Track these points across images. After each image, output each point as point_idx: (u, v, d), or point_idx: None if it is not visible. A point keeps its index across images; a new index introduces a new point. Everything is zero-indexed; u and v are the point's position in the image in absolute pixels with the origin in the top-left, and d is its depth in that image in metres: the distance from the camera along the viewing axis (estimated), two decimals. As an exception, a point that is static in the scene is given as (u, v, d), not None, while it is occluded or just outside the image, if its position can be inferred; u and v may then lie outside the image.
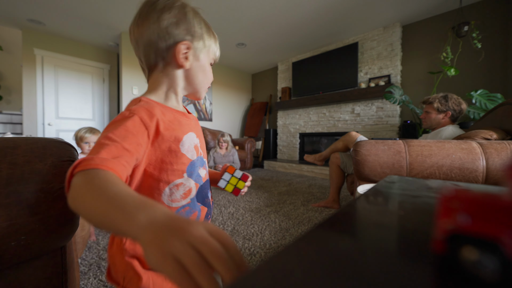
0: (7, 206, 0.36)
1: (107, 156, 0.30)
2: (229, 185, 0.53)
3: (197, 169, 0.46)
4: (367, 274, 0.11)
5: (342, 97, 3.07)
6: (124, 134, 0.34)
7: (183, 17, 0.42)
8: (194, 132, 0.47)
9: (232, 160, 2.94)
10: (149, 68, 0.44)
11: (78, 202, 0.26)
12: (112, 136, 0.32)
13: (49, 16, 2.49)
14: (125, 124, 0.35)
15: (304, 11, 2.49)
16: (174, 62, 0.42)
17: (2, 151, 0.38)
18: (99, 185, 0.26)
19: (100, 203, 0.24)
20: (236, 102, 4.74)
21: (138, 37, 0.41)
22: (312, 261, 0.12)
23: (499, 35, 2.14)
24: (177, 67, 0.43)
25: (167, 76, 0.44)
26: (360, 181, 0.94)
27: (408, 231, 0.16)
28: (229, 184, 0.53)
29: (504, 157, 0.73)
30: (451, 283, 0.10)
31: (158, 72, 0.44)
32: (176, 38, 0.41)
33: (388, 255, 0.13)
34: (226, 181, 0.53)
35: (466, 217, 0.11)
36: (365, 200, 0.24)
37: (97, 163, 0.28)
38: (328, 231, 0.16)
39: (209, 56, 0.48)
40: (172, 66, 0.43)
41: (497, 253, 0.10)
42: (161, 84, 0.44)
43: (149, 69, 0.44)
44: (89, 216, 0.25)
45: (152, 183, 0.39)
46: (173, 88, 0.45)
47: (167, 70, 0.43)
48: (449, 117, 1.35)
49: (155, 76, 0.44)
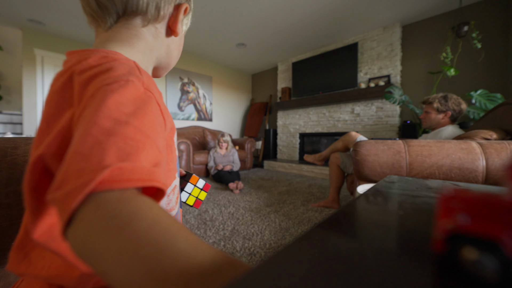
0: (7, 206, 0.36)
1: (149, 164, 0.18)
2: (190, 198, 0.44)
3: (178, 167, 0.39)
4: (367, 274, 0.11)
5: (342, 97, 3.07)
6: (153, 126, 0.21)
7: None
8: None
9: (232, 160, 2.94)
10: (127, 12, 0.29)
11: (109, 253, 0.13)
12: (142, 126, 0.19)
13: (49, 16, 2.49)
14: (150, 109, 0.22)
15: (304, 12, 2.49)
16: (166, 24, 0.33)
17: (2, 151, 0.38)
18: (159, 234, 0.14)
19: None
20: (236, 102, 4.74)
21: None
22: (312, 261, 0.12)
23: (499, 35, 2.14)
24: (166, 31, 0.34)
25: (152, 35, 0.32)
26: (360, 181, 0.94)
27: (408, 231, 0.16)
28: (191, 196, 0.44)
29: (504, 157, 0.73)
30: (451, 283, 0.10)
31: (137, 26, 0.31)
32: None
33: (388, 255, 0.13)
34: (188, 193, 0.44)
35: (466, 217, 0.11)
36: (365, 200, 0.24)
37: (143, 177, 0.17)
38: (328, 231, 0.16)
39: (187, 26, 0.40)
40: (161, 26, 0.33)
41: (497, 253, 0.10)
42: (143, 42, 0.31)
43: (127, 13, 0.29)
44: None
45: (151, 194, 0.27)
46: (152, 55, 0.34)
47: (153, 28, 0.32)
48: (449, 117, 1.35)
49: (135, 30, 0.30)
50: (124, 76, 0.22)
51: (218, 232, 1.30)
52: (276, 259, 0.12)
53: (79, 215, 0.14)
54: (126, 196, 0.15)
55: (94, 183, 0.15)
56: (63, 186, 0.15)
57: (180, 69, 3.76)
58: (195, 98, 3.98)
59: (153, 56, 0.34)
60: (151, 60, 0.34)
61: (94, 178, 0.15)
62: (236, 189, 2.20)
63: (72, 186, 0.15)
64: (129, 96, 0.21)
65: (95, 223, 0.14)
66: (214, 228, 1.35)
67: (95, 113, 0.18)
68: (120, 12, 0.29)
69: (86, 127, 0.17)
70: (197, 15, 2.58)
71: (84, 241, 0.14)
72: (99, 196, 0.15)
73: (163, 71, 0.39)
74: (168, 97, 3.62)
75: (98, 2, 0.28)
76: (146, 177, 0.17)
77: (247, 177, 3.04)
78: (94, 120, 0.18)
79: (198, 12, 2.52)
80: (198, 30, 2.95)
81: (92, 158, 0.16)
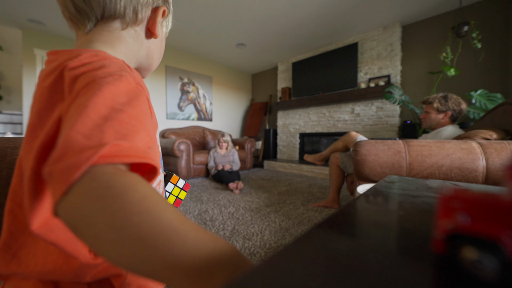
0: (7, 206, 0.36)
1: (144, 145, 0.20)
2: (171, 197, 0.45)
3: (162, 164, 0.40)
4: (367, 274, 0.11)
5: (342, 97, 3.07)
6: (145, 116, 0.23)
7: None
8: None
9: (232, 160, 2.94)
10: (105, 16, 0.30)
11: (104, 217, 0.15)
12: (135, 114, 0.21)
13: (49, 16, 2.49)
14: (142, 100, 0.24)
15: (304, 12, 2.49)
16: (145, 26, 0.34)
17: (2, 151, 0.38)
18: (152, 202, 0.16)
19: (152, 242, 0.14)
20: (236, 102, 4.74)
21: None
22: (312, 261, 0.12)
23: (499, 35, 2.14)
24: (145, 33, 0.35)
25: (132, 38, 0.33)
26: (360, 181, 0.94)
27: (408, 231, 0.16)
28: (171, 195, 0.46)
29: (504, 157, 0.73)
30: (451, 283, 0.10)
31: (117, 29, 0.31)
32: (157, 0, 0.34)
33: (388, 255, 0.13)
34: (169, 192, 0.45)
35: (466, 217, 0.11)
36: (365, 200, 0.24)
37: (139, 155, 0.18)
38: (328, 231, 0.16)
39: (168, 28, 0.41)
40: (141, 29, 0.34)
41: (497, 253, 0.10)
42: (123, 44, 0.32)
43: (105, 17, 0.30)
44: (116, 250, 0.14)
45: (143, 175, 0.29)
46: (133, 57, 0.35)
47: (133, 31, 0.33)
48: (449, 117, 1.35)
49: (115, 33, 0.31)
50: (117, 71, 0.24)
51: (218, 232, 1.30)
52: (276, 259, 0.12)
53: (76, 186, 0.15)
54: (120, 171, 0.17)
55: (97, 157, 0.16)
56: (63, 159, 0.16)
57: (180, 69, 3.76)
58: (195, 98, 3.98)
59: (134, 57, 0.35)
60: (132, 61, 0.35)
61: (96, 152, 0.16)
62: (236, 189, 2.20)
63: (74, 160, 0.16)
64: (123, 89, 0.23)
65: (91, 192, 0.15)
66: (214, 228, 1.35)
67: (92, 100, 0.19)
68: (99, 16, 0.30)
69: (85, 111, 0.18)
70: (197, 15, 2.58)
71: (79, 209, 0.15)
72: (95, 170, 0.16)
73: (145, 72, 0.40)
74: (168, 97, 3.62)
75: (76, 7, 0.29)
76: (142, 154, 0.18)
77: (247, 177, 3.04)
78: (93, 106, 0.19)
79: (198, 12, 2.52)
80: (198, 30, 2.95)
81: (92, 137, 0.17)
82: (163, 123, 3.60)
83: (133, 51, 0.34)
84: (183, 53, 3.77)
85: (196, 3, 2.33)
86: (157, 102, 3.54)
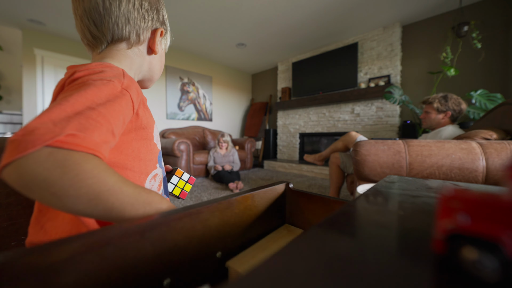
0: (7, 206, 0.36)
1: (99, 140, 0.24)
2: (176, 189, 0.52)
3: (161, 160, 0.45)
4: (367, 274, 0.11)
5: (342, 97, 3.07)
6: (117, 116, 0.28)
7: (160, 5, 0.43)
8: None
9: (232, 160, 2.94)
10: (114, 39, 0.38)
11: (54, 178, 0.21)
12: (106, 114, 0.26)
13: (49, 16, 2.49)
14: (119, 103, 0.29)
15: (304, 12, 2.49)
16: (147, 45, 0.42)
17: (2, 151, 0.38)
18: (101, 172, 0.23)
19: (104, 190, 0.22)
20: (236, 102, 4.74)
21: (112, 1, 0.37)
22: (312, 261, 0.12)
23: (499, 35, 2.14)
24: (147, 51, 0.42)
25: (136, 55, 0.41)
26: (360, 181, 0.94)
27: (408, 231, 0.16)
28: (177, 187, 0.52)
29: (504, 157, 0.73)
30: (451, 283, 0.10)
31: (123, 49, 0.39)
32: (156, 23, 0.42)
33: (388, 255, 0.13)
34: (174, 184, 0.52)
35: (466, 217, 0.11)
36: (365, 200, 0.24)
37: (89, 146, 0.23)
38: (328, 231, 0.16)
39: (167, 45, 0.49)
40: (143, 47, 0.42)
41: (497, 253, 0.10)
42: (129, 60, 0.40)
43: (114, 40, 0.38)
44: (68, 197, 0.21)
45: (131, 176, 0.35)
46: (137, 70, 0.42)
47: (137, 49, 0.41)
48: (449, 117, 1.35)
49: (122, 51, 0.39)
50: (108, 77, 0.30)
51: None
52: (276, 259, 0.12)
53: (32, 156, 0.20)
54: (76, 153, 0.22)
55: (53, 140, 0.21)
56: (31, 134, 0.21)
57: (180, 69, 3.76)
58: (195, 98, 3.98)
59: (138, 70, 0.42)
60: (136, 74, 0.42)
61: (54, 137, 0.21)
62: (236, 189, 2.20)
63: (38, 137, 0.21)
64: (106, 92, 0.28)
65: (49, 162, 0.21)
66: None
67: (74, 96, 0.25)
68: (109, 39, 0.38)
69: (64, 104, 0.24)
70: (197, 15, 2.58)
71: (36, 174, 0.20)
72: (53, 149, 0.21)
73: (148, 83, 0.47)
74: (168, 97, 3.62)
75: (92, 34, 0.37)
76: (92, 146, 0.23)
77: (247, 177, 3.04)
78: (72, 101, 0.24)
79: (198, 12, 2.52)
80: (198, 30, 2.95)
81: (59, 125, 0.22)
82: (163, 123, 3.60)
83: (137, 65, 0.41)
84: (183, 53, 3.77)
85: (196, 3, 2.33)
86: (157, 102, 3.54)
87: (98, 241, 0.17)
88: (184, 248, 0.23)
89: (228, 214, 0.29)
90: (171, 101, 3.66)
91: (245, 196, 0.31)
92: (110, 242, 0.17)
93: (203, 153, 3.01)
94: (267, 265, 0.11)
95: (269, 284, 0.10)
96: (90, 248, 0.16)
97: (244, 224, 0.31)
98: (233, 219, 0.30)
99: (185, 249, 0.23)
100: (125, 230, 0.19)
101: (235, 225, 0.30)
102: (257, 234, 0.34)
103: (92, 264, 0.16)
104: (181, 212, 0.23)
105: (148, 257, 0.20)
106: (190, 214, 0.24)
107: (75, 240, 0.16)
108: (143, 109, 0.37)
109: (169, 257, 0.22)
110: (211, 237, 0.26)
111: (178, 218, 0.22)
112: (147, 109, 0.40)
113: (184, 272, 0.23)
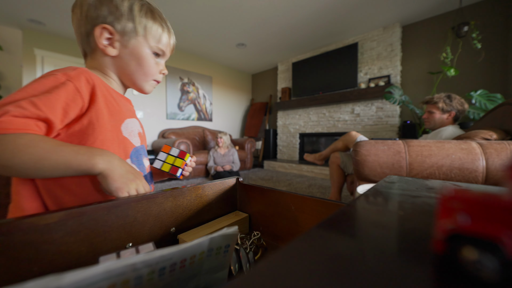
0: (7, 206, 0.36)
1: (28, 121, 0.30)
2: (165, 165, 0.49)
3: (141, 157, 0.45)
4: (367, 274, 0.11)
5: (342, 97, 3.07)
6: (50, 102, 0.31)
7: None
8: (137, 120, 0.47)
9: (232, 160, 2.94)
10: (84, 56, 0.44)
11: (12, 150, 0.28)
12: (38, 103, 0.30)
13: (49, 16, 2.49)
14: (57, 92, 0.32)
15: (304, 12, 2.49)
16: (99, 48, 0.41)
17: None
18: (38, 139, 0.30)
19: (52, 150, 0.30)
20: (236, 102, 4.74)
21: (72, 24, 0.42)
22: (312, 261, 0.12)
23: (499, 35, 2.14)
24: (103, 54, 0.42)
25: (99, 63, 0.43)
26: (360, 181, 0.94)
27: (408, 231, 0.16)
28: (165, 163, 0.49)
29: (504, 157, 0.73)
30: (451, 283, 0.10)
31: (90, 60, 0.43)
32: (95, 21, 0.39)
33: (388, 255, 0.13)
34: (162, 161, 0.49)
35: (466, 217, 0.11)
36: (365, 200, 0.24)
37: (19, 127, 0.28)
38: (328, 231, 0.16)
39: (148, 43, 0.43)
40: (99, 52, 0.42)
41: (497, 253, 0.10)
42: (98, 66, 0.43)
43: (84, 56, 0.44)
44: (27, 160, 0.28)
45: None
46: (108, 74, 0.44)
47: (96, 56, 0.42)
48: (452, 117, 1.34)
49: (94, 60, 0.43)
50: (57, 72, 0.34)
51: (218, 232, 1.30)
52: (276, 259, 0.12)
53: None
54: (8, 135, 0.28)
55: None
56: None
57: (180, 69, 3.76)
58: (195, 98, 3.98)
59: (108, 69, 0.43)
60: (110, 77, 0.44)
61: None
62: (236, 189, 2.20)
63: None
64: (48, 84, 0.32)
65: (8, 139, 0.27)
66: (214, 228, 1.35)
67: (21, 88, 0.31)
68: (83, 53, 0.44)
69: (12, 94, 0.30)
70: (197, 15, 2.58)
71: None
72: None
73: (136, 86, 0.47)
74: (168, 97, 3.62)
75: (81, 48, 0.44)
76: (20, 127, 0.28)
77: (247, 177, 3.04)
78: (15, 93, 0.30)
79: (198, 12, 2.52)
80: (198, 30, 2.95)
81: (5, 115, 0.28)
82: (163, 123, 3.60)
83: (104, 66, 0.43)
84: (183, 53, 3.77)
85: (196, 3, 2.33)
86: (157, 102, 3.53)
87: (76, 212, 0.26)
88: (142, 222, 0.32)
89: (180, 200, 0.37)
90: (171, 101, 3.66)
91: (195, 187, 0.39)
92: (84, 213, 0.26)
93: (203, 153, 3.01)
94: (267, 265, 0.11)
95: (269, 284, 0.10)
96: (70, 216, 0.25)
97: (195, 208, 0.39)
98: (185, 203, 0.38)
99: (143, 223, 0.32)
100: (95, 207, 0.27)
101: (188, 208, 0.38)
102: (209, 217, 0.42)
103: (73, 226, 0.25)
104: (140, 196, 0.32)
105: (114, 226, 0.29)
106: (147, 198, 0.32)
107: (61, 211, 0.25)
108: (109, 102, 0.40)
109: (130, 228, 0.30)
110: (166, 216, 0.35)
111: (137, 200, 0.31)
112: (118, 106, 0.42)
113: (144, 240, 0.31)
